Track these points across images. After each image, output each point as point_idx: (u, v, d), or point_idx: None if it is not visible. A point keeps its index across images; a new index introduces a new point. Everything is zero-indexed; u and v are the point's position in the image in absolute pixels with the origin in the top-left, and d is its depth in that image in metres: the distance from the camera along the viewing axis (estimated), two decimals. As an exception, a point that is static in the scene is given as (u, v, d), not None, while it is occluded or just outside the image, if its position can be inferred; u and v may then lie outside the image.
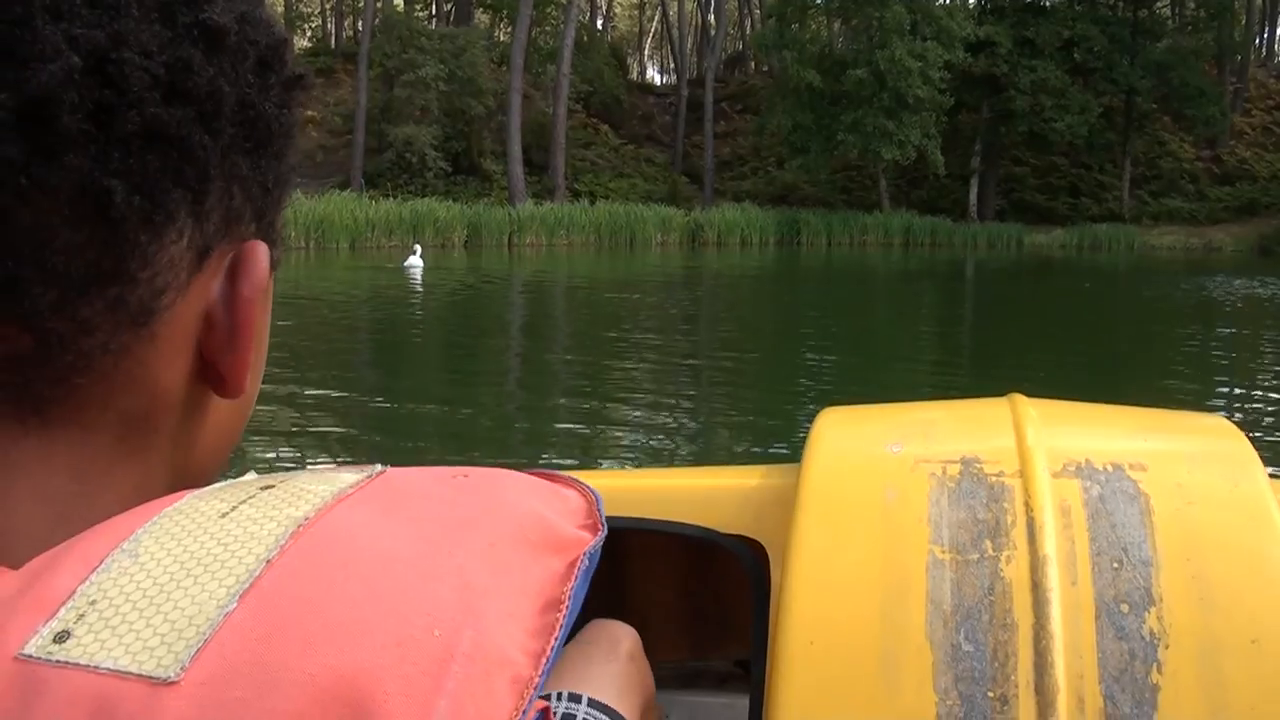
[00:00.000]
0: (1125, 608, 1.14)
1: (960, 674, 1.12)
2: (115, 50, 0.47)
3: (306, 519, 0.45)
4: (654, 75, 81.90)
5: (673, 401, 10.13)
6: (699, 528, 1.48)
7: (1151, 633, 1.12)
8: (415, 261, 25.44)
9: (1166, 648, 1.11)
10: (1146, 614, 1.13)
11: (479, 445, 8.13)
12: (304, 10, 63.92)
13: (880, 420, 1.60)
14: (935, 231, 44.44)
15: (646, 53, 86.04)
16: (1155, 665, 1.10)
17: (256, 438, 7.91)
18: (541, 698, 1.08)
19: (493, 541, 0.48)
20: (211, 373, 0.56)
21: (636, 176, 49.47)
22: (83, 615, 0.41)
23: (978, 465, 1.31)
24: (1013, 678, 1.11)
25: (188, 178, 0.51)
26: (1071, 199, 49.08)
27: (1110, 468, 1.28)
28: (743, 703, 1.45)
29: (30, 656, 0.39)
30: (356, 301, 19.62)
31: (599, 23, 66.25)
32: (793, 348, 14.22)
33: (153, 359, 0.53)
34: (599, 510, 0.56)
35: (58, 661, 0.39)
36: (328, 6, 63.68)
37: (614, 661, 1.13)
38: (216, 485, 0.50)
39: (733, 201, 45.83)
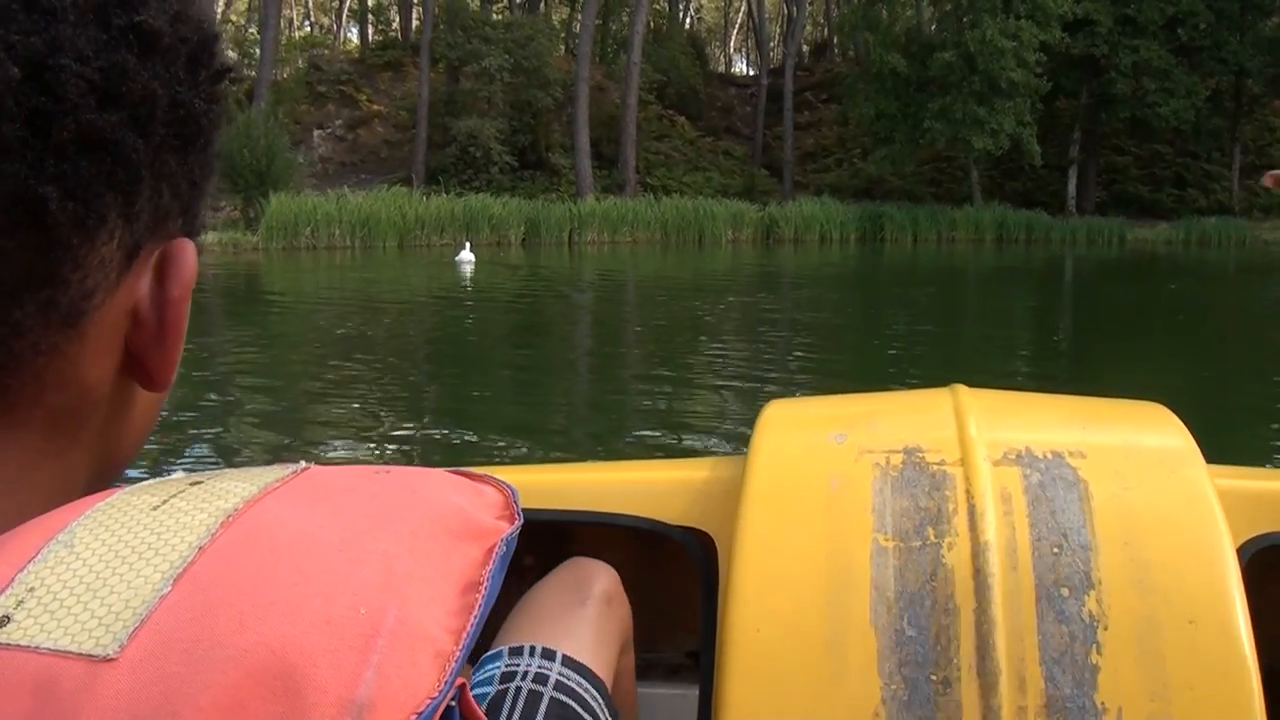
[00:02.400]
0: (1065, 591, 1.20)
1: (904, 658, 1.17)
2: (52, 57, 0.48)
3: (236, 510, 0.47)
4: (742, 67, 79.84)
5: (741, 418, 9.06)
6: (648, 520, 1.53)
7: (1091, 615, 1.18)
8: (466, 256, 25.61)
9: (1106, 629, 1.17)
10: (1086, 597, 1.19)
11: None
12: (381, 2, 62.93)
13: (824, 411, 1.67)
14: (1031, 227, 41.67)
15: (733, 44, 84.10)
16: (1095, 646, 1.16)
17: (328, 432, 8.28)
18: (513, 650, 1.12)
19: (414, 530, 0.50)
20: (138, 368, 0.58)
21: (713, 170, 47.48)
22: (22, 601, 0.42)
23: (920, 454, 1.36)
24: (955, 661, 1.16)
25: (119, 180, 0.51)
26: (1177, 190, 45.86)
27: (1050, 455, 1.34)
28: (694, 693, 1.52)
29: None
30: (402, 300, 19.40)
31: (679, 12, 64.25)
32: (873, 359, 12.79)
33: (81, 357, 0.54)
34: (515, 503, 0.58)
35: (0, 644, 0.40)
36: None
37: (587, 605, 1.20)
38: (147, 482, 0.52)
39: (814, 195, 43.47)
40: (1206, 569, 1.21)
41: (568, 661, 1.03)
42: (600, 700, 1.10)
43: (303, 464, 0.54)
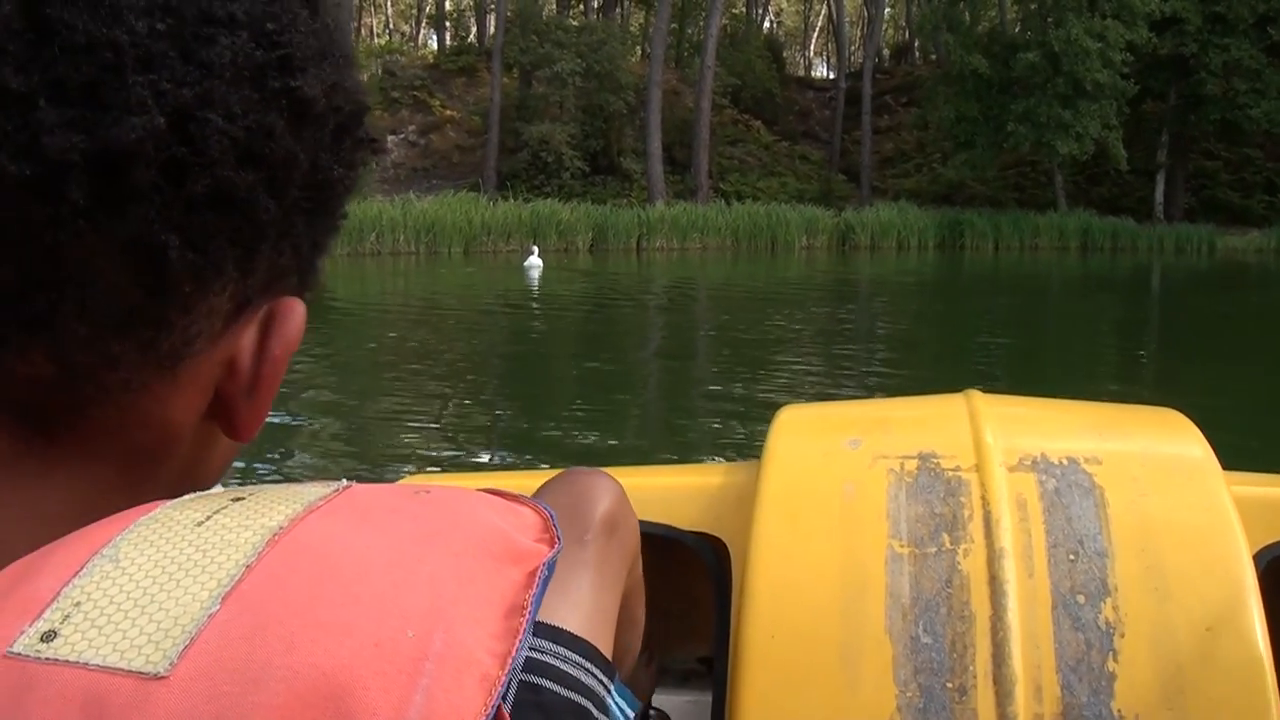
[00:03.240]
0: (1082, 598, 1.20)
1: (919, 665, 1.17)
2: (200, 110, 0.49)
3: (281, 528, 0.47)
4: (822, 71, 78.97)
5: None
6: (661, 525, 1.53)
7: (1107, 622, 1.18)
8: (534, 262, 25.42)
9: (1122, 637, 1.18)
10: (1103, 604, 1.20)
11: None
12: (458, 6, 63.04)
13: (838, 417, 1.67)
14: (1117, 234, 40.19)
15: (813, 48, 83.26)
16: (1111, 654, 1.16)
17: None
18: None
19: (458, 552, 0.50)
20: (225, 416, 0.58)
21: (788, 175, 46.66)
22: (68, 616, 0.42)
23: (935, 460, 1.36)
24: (971, 668, 1.17)
25: (244, 236, 0.52)
26: (1268, 196, 43.93)
27: (1065, 461, 1.34)
28: (706, 699, 1.52)
29: (19, 654, 0.41)
30: (469, 307, 19.66)
31: (756, 15, 63.58)
32: (952, 373, 12.09)
33: (171, 399, 0.55)
34: (555, 525, 0.58)
35: (47, 659, 0.41)
36: (469, 3, 62.35)
37: (587, 545, 1.06)
38: (188, 496, 0.52)
39: (893, 200, 42.53)
40: (1223, 576, 1.21)
41: (562, 640, 0.90)
42: (589, 664, 0.94)
43: (344, 482, 0.54)
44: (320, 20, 0.56)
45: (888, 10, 62.22)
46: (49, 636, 0.41)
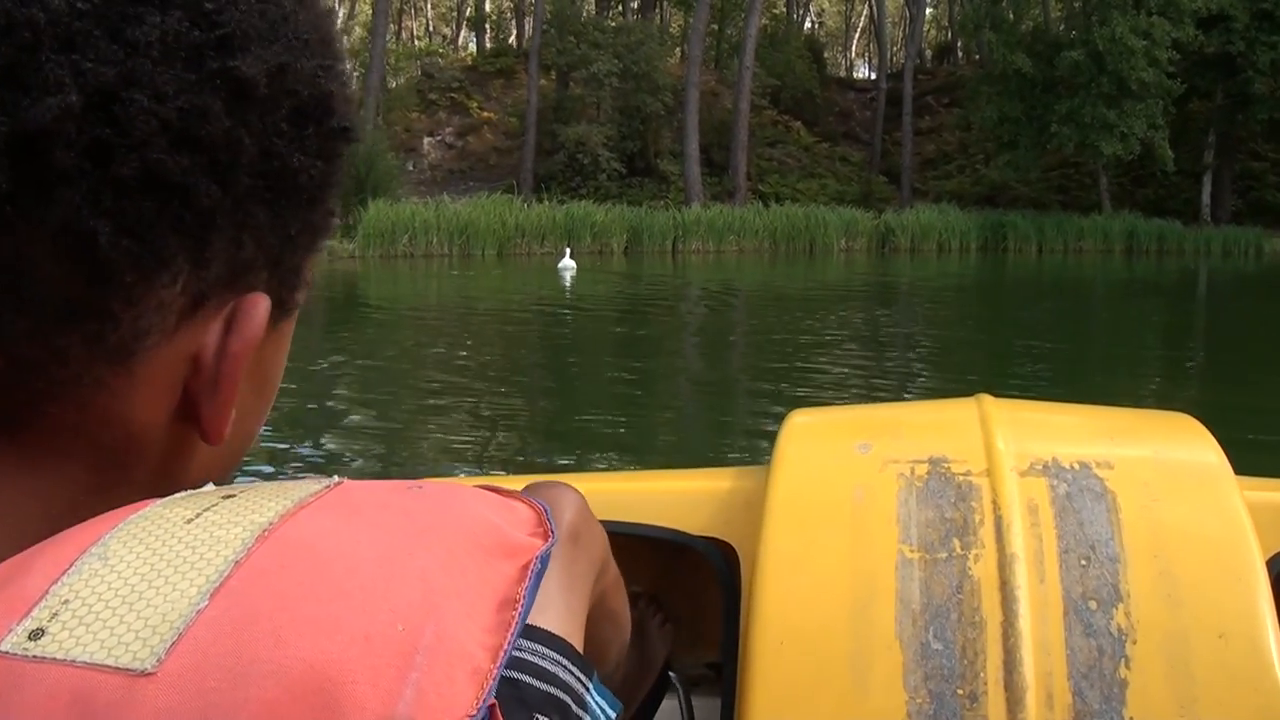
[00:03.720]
0: (1093, 604, 1.19)
1: (930, 672, 1.17)
2: (125, 89, 0.48)
3: (271, 524, 0.47)
4: (864, 72, 78.42)
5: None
6: (669, 530, 1.54)
7: (1119, 629, 1.18)
8: (567, 263, 25.72)
9: (1134, 643, 1.17)
10: (1114, 610, 1.19)
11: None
12: (498, 7, 63.02)
13: (848, 421, 1.67)
14: (1163, 236, 39.58)
15: (855, 49, 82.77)
16: (1123, 661, 1.16)
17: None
18: None
19: (450, 547, 0.50)
20: (192, 416, 0.57)
21: (828, 176, 46.39)
22: (56, 614, 0.42)
23: (945, 465, 1.35)
24: (982, 675, 1.16)
25: (189, 225, 0.51)
26: (1318, 198, 43.40)
27: (1077, 466, 1.33)
28: (714, 704, 1.50)
29: (7, 653, 0.41)
30: (501, 308, 19.57)
31: (796, 15, 63.14)
32: (998, 380, 11.75)
33: (131, 396, 0.54)
34: (549, 520, 0.58)
35: (34, 657, 0.41)
36: (508, 5, 62.35)
37: (557, 555, 1.10)
38: (178, 495, 0.51)
39: (934, 202, 42.05)
40: (1236, 582, 1.20)
41: (538, 636, 0.95)
42: (566, 662, 0.98)
43: (336, 479, 0.54)
44: (272, 2, 0.54)
45: (930, 10, 61.68)
46: (37, 635, 0.41)
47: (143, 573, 0.44)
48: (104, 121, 0.47)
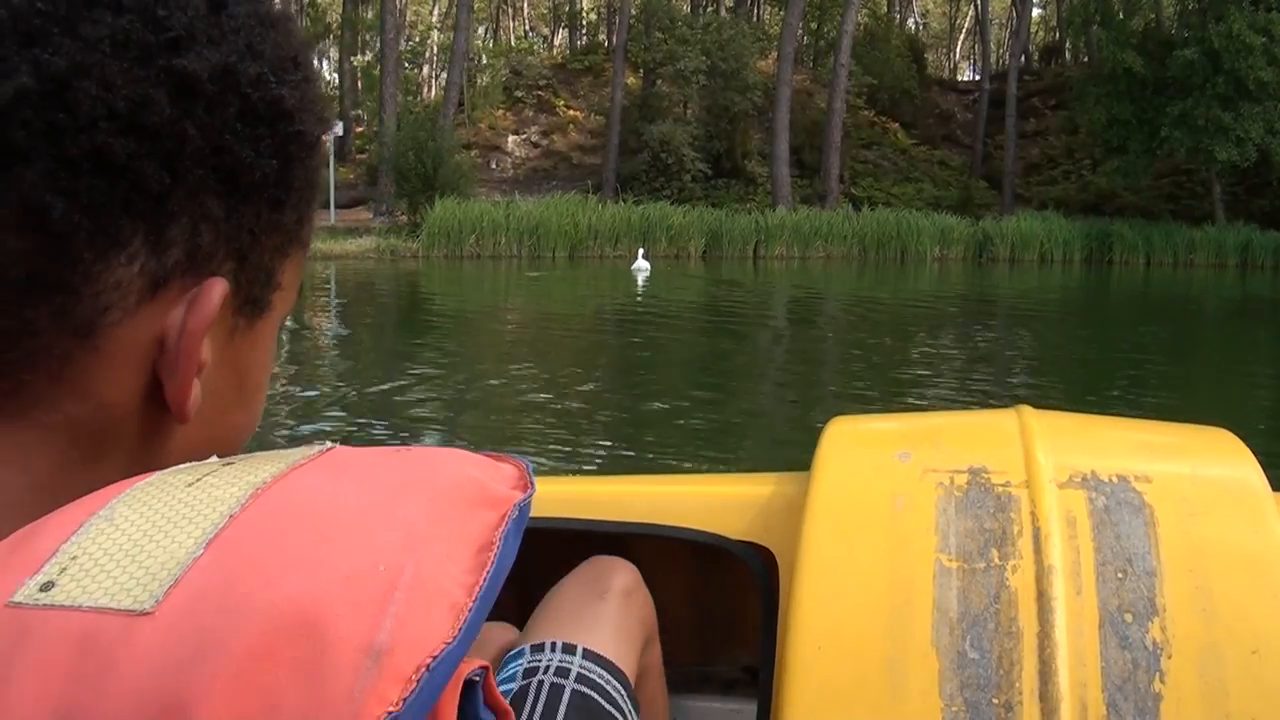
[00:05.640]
0: (1129, 617, 1.20)
1: (965, 680, 1.18)
2: (76, 78, 0.53)
3: (265, 483, 0.51)
4: (969, 74, 76.26)
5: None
6: (709, 534, 1.55)
7: (1155, 642, 1.19)
8: (642, 265, 25.71)
9: (1169, 657, 1.17)
10: (1150, 624, 1.20)
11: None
12: (596, 4, 62.33)
13: (889, 429, 1.69)
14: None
15: (960, 50, 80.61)
16: (1158, 675, 1.17)
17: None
18: (535, 647, 1.25)
19: (432, 499, 0.53)
20: (163, 395, 0.61)
21: (925, 181, 44.61)
22: (65, 568, 0.46)
23: (985, 475, 1.36)
24: (1017, 685, 1.17)
25: (141, 209, 0.55)
26: None
27: (1115, 479, 1.34)
28: (750, 708, 1.54)
29: (19, 604, 0.44)
30: (572, 313, 19.27)
31: (897, 14, 61.34)
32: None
33: (98, 371, 0.58)
34: (529, 475, 0.61)
35: (44, 605, 0.44)
36: (603, 3, 61.36)
37: (606, 601, 1.27)
38: (182, 465, 0.56)
39: (1037, 209, 39.96)
40: (1271, 599, 1.21)
41: (588, 655, 1.07)
42: (623, 692, 1.13)
43: (329, 444, 0.58)
44: (224, 14, 0.59)
45: (1038, 10, 59.47)
46: (47, 587, 0.45)
47: (145, 529, 0.48)
48: (58, 106, 0.52)
